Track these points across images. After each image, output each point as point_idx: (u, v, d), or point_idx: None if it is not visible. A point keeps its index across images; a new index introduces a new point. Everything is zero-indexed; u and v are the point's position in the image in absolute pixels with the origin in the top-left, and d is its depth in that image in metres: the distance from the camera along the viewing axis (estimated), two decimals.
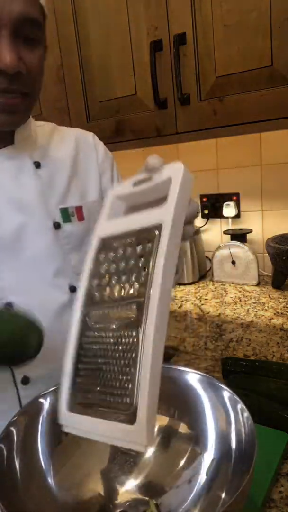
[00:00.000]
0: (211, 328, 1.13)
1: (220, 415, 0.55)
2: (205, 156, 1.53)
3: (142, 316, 0.36)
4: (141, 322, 0.35)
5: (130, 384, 0.35)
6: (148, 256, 0.37)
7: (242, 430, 0.50)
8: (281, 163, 1.39)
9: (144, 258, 0.38)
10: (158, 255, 0.37)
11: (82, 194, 0.77)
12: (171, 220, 0.38)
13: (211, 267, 1.53)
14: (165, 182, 0.41)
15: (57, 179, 0.73)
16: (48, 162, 0.72)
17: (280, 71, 0.89)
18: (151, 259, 0.37)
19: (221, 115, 0.99)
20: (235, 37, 0.93)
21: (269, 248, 1.31)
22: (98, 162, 0.81)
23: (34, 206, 0.68)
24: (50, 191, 0.71)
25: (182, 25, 0.98)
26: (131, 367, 0.35)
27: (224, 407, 0.54)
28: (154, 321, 0.35)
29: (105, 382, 0.37)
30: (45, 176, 0.71)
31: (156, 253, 0.37)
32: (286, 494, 0.58)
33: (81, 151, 0.79)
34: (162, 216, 0.38)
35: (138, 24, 1.05)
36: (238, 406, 0.52)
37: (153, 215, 0.39)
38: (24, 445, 0.53)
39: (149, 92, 1.06)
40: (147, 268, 0.37)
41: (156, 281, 0.36)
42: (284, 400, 0.73)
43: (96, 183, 0.80)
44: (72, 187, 0.75)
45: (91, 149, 0.81)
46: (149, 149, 1.61)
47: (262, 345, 1.01)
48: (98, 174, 0.81)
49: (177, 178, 0.40)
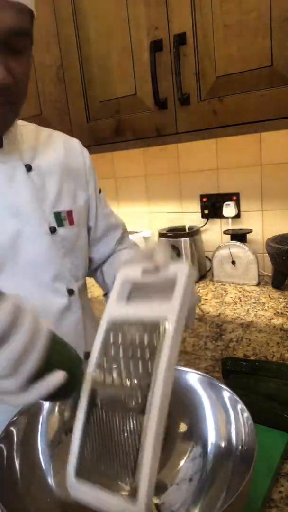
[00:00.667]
0: (211, 328, 1.13)
1: (220, 415, 0.55)
2: (205, 156, 1.53)
3: (146, 404, 0.40)
4: (145, 410, 0.40)
5: (132, 464, 0.39)
6: (154, 348, 0.42)
7: (242, 430, 0.50)
8: (281, 163, 1.39)
9: (150, 349, 0.42)
10: (163, 350, 0.41)
11: (71, 198, 0.76)
12: (175, 317, 0.43)
13: (211, 267, 1.53)
14: (171, 279, 0.46)
15: (49, 182, 0.72)
16: (38, 164, 0.72)
17: (280, 71, 0.89)
18: (157, 352, 0.41)
19: (221, 115, 0.99)
20: (235, 37, 0.93)
21: (269, 248, 1.31)
22: (85, 168, 0.81)
23: (29, 211, 0.68)
24: (43, 195, 0.71)
25: (182, 25, 0.98)
26: (133, 448, 0.40)
27: (224, 407, 0.54)
28: (157, 413, 0.39)
29: (110, 457, 0.41)
30: (37, 179, 0.70)
31: (161, 348, 0.41)
32: (286, 494, 0.58)
33: (70, 156, 0.79)
34: (168, 313, 0.43)
35: (138, 24, 1.05)
36: (238, 406, 0.52)
37: (160, 309, 0.44)
38: (24, 445, 0.53)
39: (149, 92, 1.06)
40: (152, 360, 0.41)
41: (160, 375, 0.40)
42: (284, 400, 0.73)
43: (83, 188, 0.80)
44: (63, 191, 0.75)
45: (78, 154, 0.81)
46: (149, 149, 1.62)
47: (262, 345, 1.01)
48: (85, 180, 0.81)
49: (182, 278, 0.45)
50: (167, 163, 1.62)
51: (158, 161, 1.64)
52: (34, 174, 0.70)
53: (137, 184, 1.73)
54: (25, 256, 0.67)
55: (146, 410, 0.40)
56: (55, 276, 0.71)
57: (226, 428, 0.54)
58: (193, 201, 1.61)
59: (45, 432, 0.56)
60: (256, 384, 0.78)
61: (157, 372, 0.41)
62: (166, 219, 1.69)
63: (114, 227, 0.89)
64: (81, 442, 0.43)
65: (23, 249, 0.67)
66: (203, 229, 1.60)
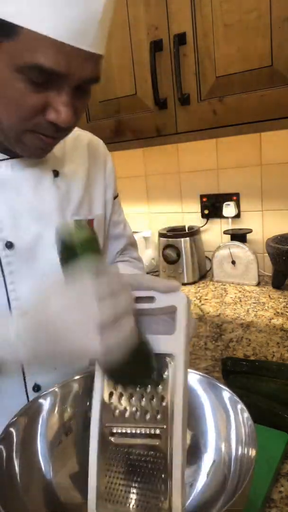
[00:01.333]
0: (211, 328, 1.13)
1: (220, 415, 0.55)
2: (205, 156, 1.53)
3: (167, 442, 0.41)
4: (167, 449, 0.41)
5: (161, 486, 0.41)
6: (165, 384, 0.43)
7: (242, 431, 0.50)
8: (281, 163, 1.39)
9: (162, 386, 0.43)
10: (177, 386, 0.42)
11: (91, 206, 0.76)
12: (183, 351, 0.43)
13: (211, 267, 1.53)
14: (168, 308, 0.45)
15: (73, 189, 0.72)
16: (65, 171, 0.71)
17: (280, 71, 0.89)
18: (169, 388, 0.42)
19: (221, 115, 0.99)
20: (235, 37, 0.93)
21: (269, 248, 1.31)
22: (105, 175, 0.80)
23: (51, 217, 0.67)
24: (66, 202, 0.70)
25: (182, 25, 0.98)
26: (160, 483, 0.41)
27: (224, 408, 0.54)
28: (181, 452, 0.40)
29: (137, 492, 0.42)
30: (62, 186, 0.70)
31: (174, 383, 0.42)
32: (286, 494, 0.58)
33: (93, 162, 0.78)
34: (174, 347, 0.43)
35: (138, 24, 1.05)
36: (238, 407, 0.52)
37: (165, 343, 0.44)
38: (24, 446, 0.53)
39: (149, 92, 1.06)
40: (166, 397, 0.42)
41: (178, 412, 0.41)
42: (284, 400, 0.73)
43: (101, 196, 0.79)
44: (85, 199, 0.74)
45: (101, 160, 0.80)
46: (149, 149, 1.62)
47: (262, 345, 1.00)
48: (104, 188, 0.80)
49: (182, 309, 0.44)
50: (167, 163, 1.62)
51: (158, 161, 1.64)
52: (61, 181, 0.70)
53: (137, 184, 1.73)
54: (42, 261, 0.66)
55: (167, 449, 0.41)
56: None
57: (226, 429, 0.53)
58: (193, 201, 1.61)
59: (45, 432, 0.56)
60: (256, 384, 0.78)
61: (174, 411, 0.41)
62: (166, 219, 1.69)
63: (118, 237, 0.87)
64: (97, 483, 0.43)
65: (41, 254, 0.66)
66: (203, 229, 1.60)
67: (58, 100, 0.52)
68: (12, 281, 0.64)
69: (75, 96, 0.54)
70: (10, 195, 0.64)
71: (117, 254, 0.88)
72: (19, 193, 0.65)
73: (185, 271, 1.52)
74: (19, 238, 0.64)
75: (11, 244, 0.64)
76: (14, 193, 0.64)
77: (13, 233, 0.64)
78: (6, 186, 0.64)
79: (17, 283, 0.65)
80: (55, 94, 0.52)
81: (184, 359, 0.43)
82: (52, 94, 0.52)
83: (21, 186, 0.65)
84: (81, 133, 0.79)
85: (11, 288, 0.64)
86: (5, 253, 0.64)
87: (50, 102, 0.53)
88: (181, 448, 0.40)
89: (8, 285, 0.64)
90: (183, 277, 1.52)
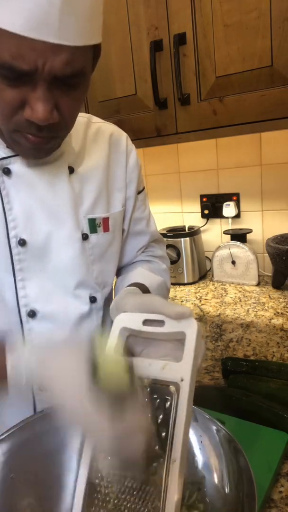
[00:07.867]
0: (211, 328, 1.13)
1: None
2: (205, 156, 1.53)
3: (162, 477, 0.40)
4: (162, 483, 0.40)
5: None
6: (168, 412, 0.42)
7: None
8: (281, 163, 1.39)
9: (164, 414, 0.42)
10: (178, 416, 0.41)
11: (108, 204, 0.74)
12: (188, 380, 0.42)
13: (211, 267, 1.53)
14: (178, 334, 0.44)
15: (88, 187, 0.70)
16: (81, 167, 0.69)
17: (280, 71, 0.89)
18: (170, 420, 0.41)
19: (221, 115, 0.99)
20: (235, 37, 0.92)
21: (269, 248, 1.31)
22: (127, 171, 0.76)
23: (64, 216, 0.66)
24: (79, 200, 0.69)
25: (182, 25, 0.98)
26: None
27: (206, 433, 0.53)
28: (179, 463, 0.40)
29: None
30: (77, 183, 0.68)
31: (176, 413, 0.41)
32: (286, 494, 0.58)
33: (113, 158, 0.74)
34: (180, 376, 0.42)
35: (138, 24, 1.05)
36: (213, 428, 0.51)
37: (171, 371, 0.43)
38: (22, 451, 0.52)
39: (149, 92, 1.06)
40: (169, 429, 0.41)
41: (178, 442, 0.40)
42: (284, 400, 0.73)
43: (121, 193, 0.76)
44: (101, 197, 0.72)
45: (123, 155, 0.76)
46: (149, 149, 1.62)
47: (262, 345, 1.00)
48: (125, 183, 0.76)
49: (191, 337, 0.44)
50: (167, 163, 1.62)
51: (158, 161, 1.64)
52: (75, 178, 0.68)
53: None
54: (53, 260, 0.66)
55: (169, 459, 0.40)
56: (79, 284, 0.69)
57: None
58: (193, 201, 1.61)
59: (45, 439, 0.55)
60: (256, 384, 0.78)
61: (174, 442, 0.40)
62: (166, 219, 1.69)
63: (140, 233, 0.84)
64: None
65: (53, 252, 0.66)
66: (203, 229, 1.60)
67: (33, 96, 0.49)
68: (22, 278, 0.64)
69: (54, 91, 0.50)
70: (25, 192, 0.63)
71: (139, 252, 0.85)
72: (34, 190, 0.64)
73: (185, 271, 1.52)
74: (32, 236, 0.64)
75: (24, 242, 0.63)
76: (29, 190, 0.63)
77: (26, 230, 0.63)
78: (21, 183, 0.63)
79: (27, 280, 0.65)
80: (30, 89, 0.49)
81: (189, 389, 0.42)
82: (28, 90, 0.49)
83: (36, 183, 0.64)
84: (103, 125, 0.76)
85: (20, 285, 0.64)
86: (18, 250, 0.63)
87: (27, 99, 0.50)
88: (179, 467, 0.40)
89: (18, 282, 0.64)
90: (183, 277, 1.52)
